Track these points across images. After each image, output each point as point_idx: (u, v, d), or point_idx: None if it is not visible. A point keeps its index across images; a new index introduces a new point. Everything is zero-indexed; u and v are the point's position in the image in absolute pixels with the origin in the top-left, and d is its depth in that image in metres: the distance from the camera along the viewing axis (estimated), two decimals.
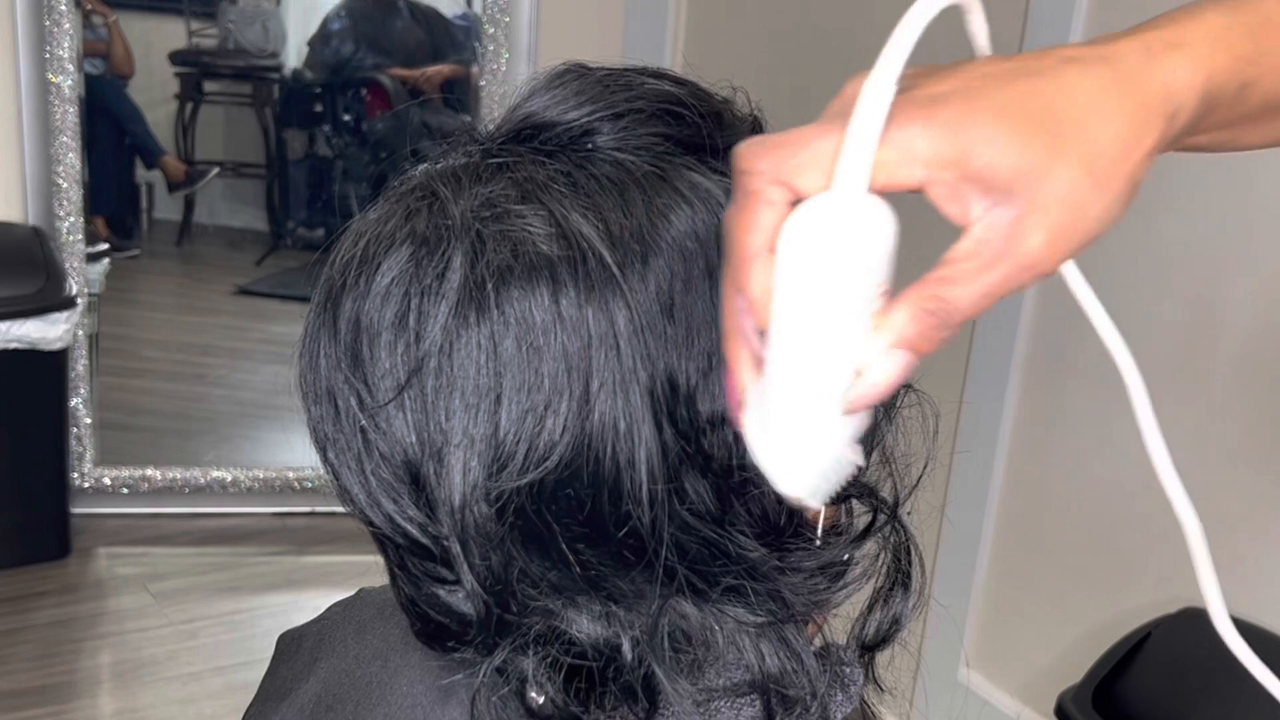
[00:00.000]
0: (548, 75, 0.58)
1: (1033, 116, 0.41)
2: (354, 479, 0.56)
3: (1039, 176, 0.41)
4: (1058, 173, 0.41)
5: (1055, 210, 0.42)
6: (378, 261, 0.54)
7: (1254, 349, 1.73)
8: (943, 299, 0.42)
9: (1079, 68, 0.43)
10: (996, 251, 0.42)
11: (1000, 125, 0.41)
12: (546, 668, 0.55)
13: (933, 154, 0.41)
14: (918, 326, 0.42)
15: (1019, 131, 0.41)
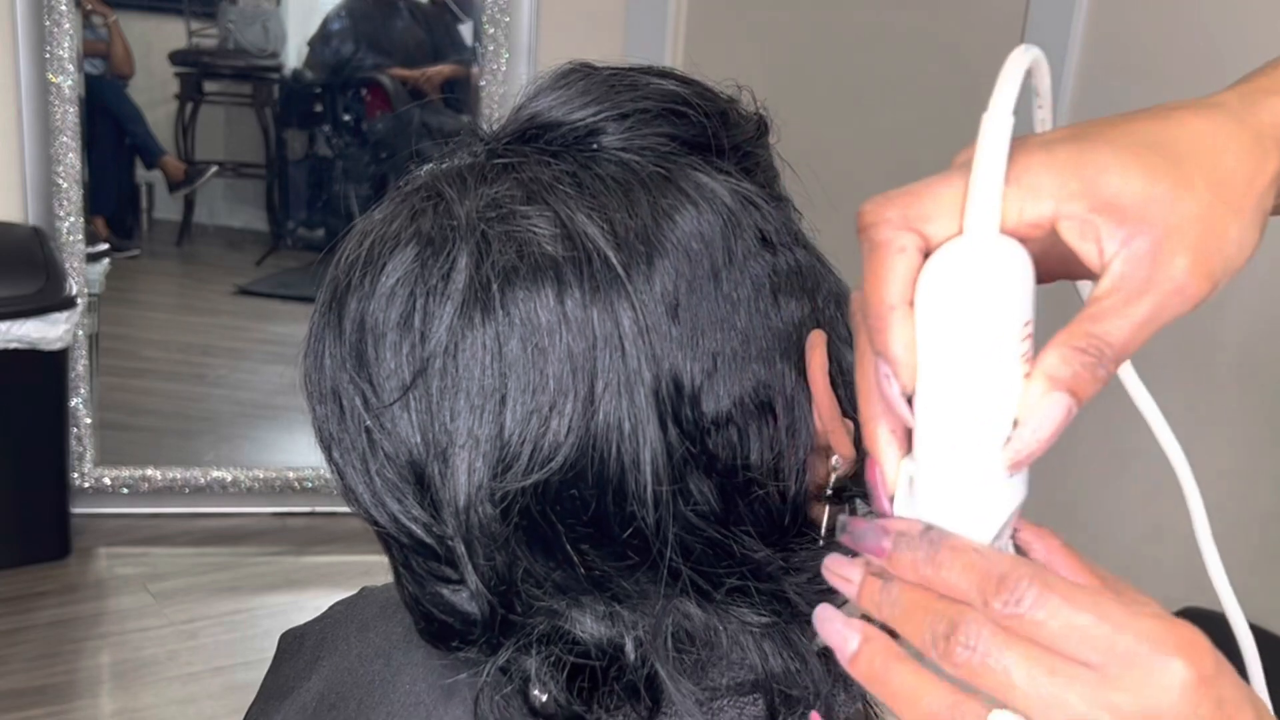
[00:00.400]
0: (553, 75, 0.58)
1: (1152, 149, 0.41)
2: (359, 479, 0.56)
3: (1170, 201, 0.40)
4: (1188, 196, 0.41)
5: (1193, 232, 0.40)
6: (383, 262, 0.54)
7: (1255, 348, 1.73)
8: (1094, 335, 0.40)
9: (1186, 111, 0.43)
10: (1142, 281, 0.40)
11: (1122, 156, 0.40)
12: (550, 667, 0.55)
13: (1059, 187, 0.40)
14: (1072, 367, 0.40)
15: (1142, 161, 0.40)
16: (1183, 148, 0.42)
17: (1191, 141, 0.42)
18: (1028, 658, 0.39)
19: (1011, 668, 0.39)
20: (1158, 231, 0.40)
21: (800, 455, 0.55)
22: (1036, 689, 0.39)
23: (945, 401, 0.40)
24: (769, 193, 0.58)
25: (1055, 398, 0.40)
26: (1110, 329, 0.40)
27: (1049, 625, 0.39)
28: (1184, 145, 0.42)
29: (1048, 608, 0.39)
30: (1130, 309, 0.40)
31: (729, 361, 0.53)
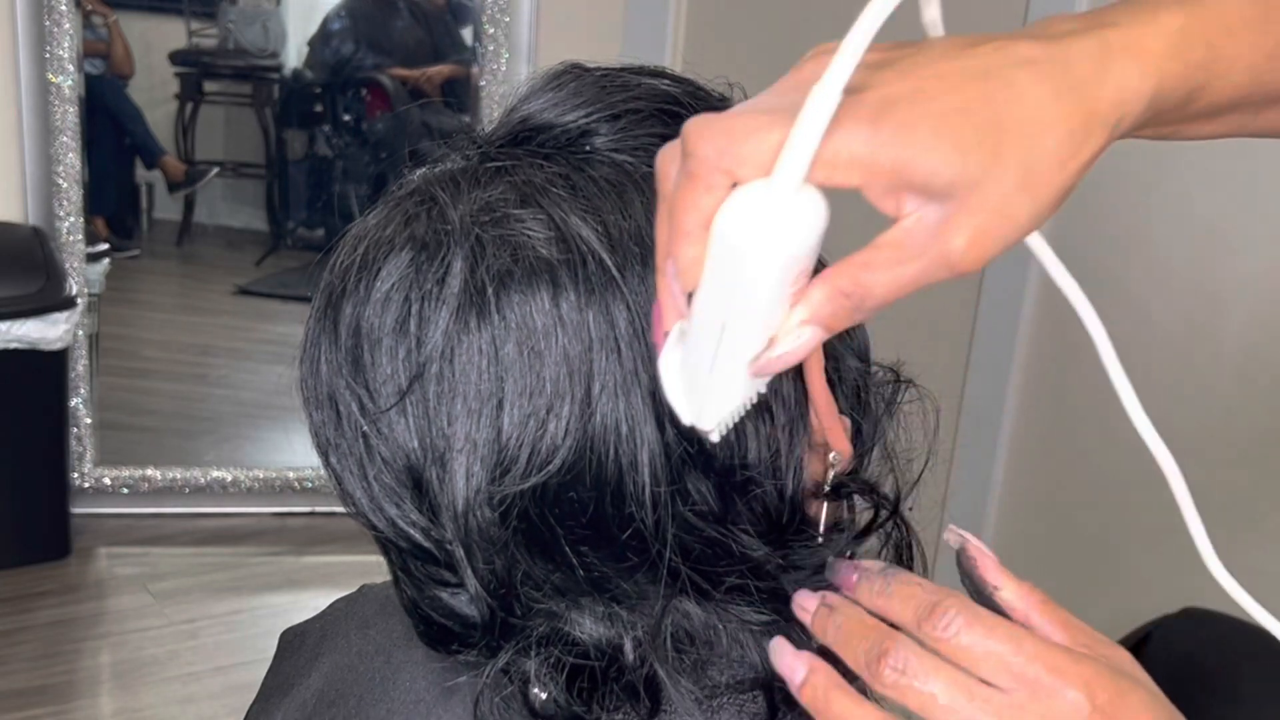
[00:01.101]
0: (545, 76, 0.58)
1: (977, 125, 0.42)
2: (356, 484, 0.56)
3: (975, 185, 0.42)
4: (993, 182, 0.42)
5: (984, 215, 0.42)
6: (377, 267, 0.54)
7: (1256, 344, 1.73)
8: (860, 283, 0.43)
9: (1032, 72, 0.43)
10: (920, 246, 0.43)
11: (943, 136, 0.41)
12: (549, 668, 0.55)
13: (872, 161, 0.42)
14: (832, 307, 0.44)
15: (961, 142, 0.42)
16: (1009, 122, 0.42)
17: (1020, 117, 0.42)
18: (949, 681, 0.46)
19: (935, 689, 0.46)
20: (951, 208, 0.42)
21: (797, 453, 0.56)
22: (955, 707, 0.46)
23: (713, 315, 0.44)
24: None
25: (809, 330, 0.44)
26: (877, 281, 0.43)
27: (972, 650, 0.46)
28: (1011, 120, 0.42)
29: (971, 635, 0.46)
30: (901, 269, 0.43)
31: None
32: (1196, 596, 1.67)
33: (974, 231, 0.42)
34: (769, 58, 2.52)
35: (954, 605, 0.48)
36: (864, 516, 0.59)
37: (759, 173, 0.42)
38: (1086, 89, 0.44)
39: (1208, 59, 0.47)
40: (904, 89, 0.42)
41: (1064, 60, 0.44)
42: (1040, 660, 0.46)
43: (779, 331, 0.44)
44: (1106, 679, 0.46)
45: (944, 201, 0.42)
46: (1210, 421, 1.77)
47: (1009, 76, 0.43)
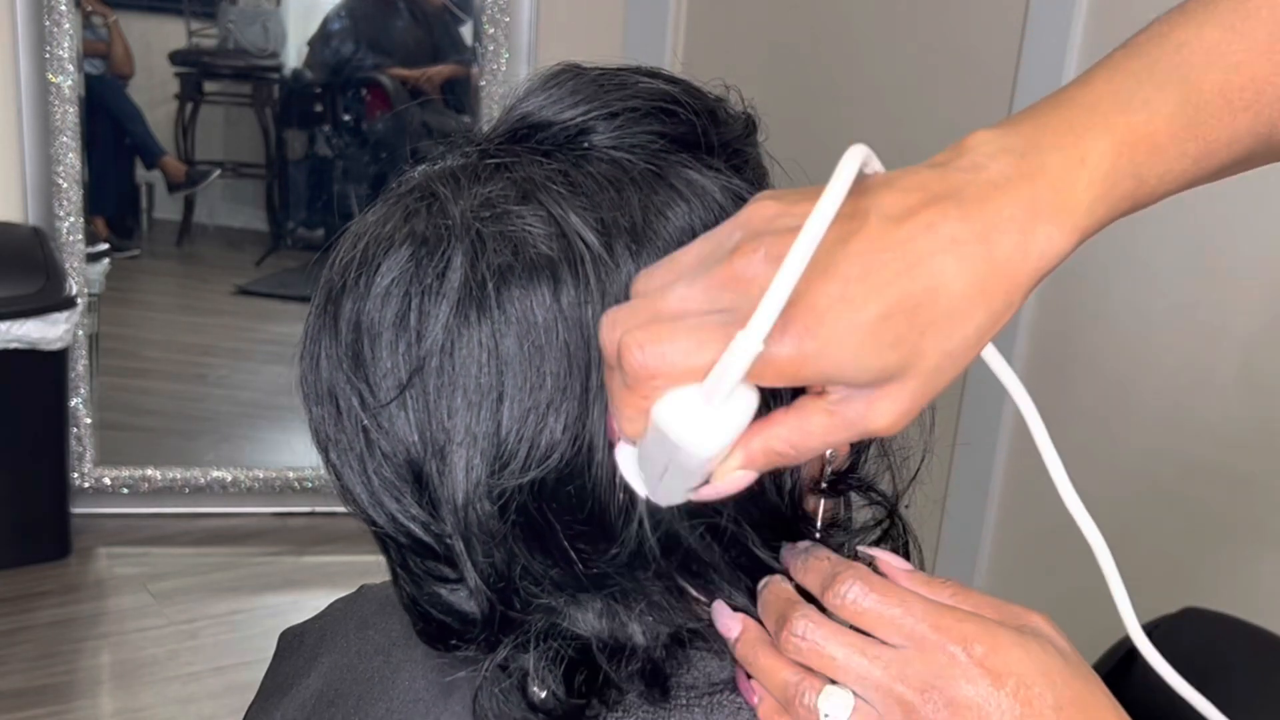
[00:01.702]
0: (543, 76, 0.58)
1: (899, 331, 0.44)
2: (356, 479, 0.57)
3: (896, 378, 0.45)
4: (915, 373, 0.45)
5: (907, 398, 0.46)
6: (377, 263, 0.54)
7: (1256, 348, 1.73)
8: (794, 446, 0.47)
9: (956, 259, 0.45)
10: (848, 420, 0.46)
11: (866, 347, 0.44)
12: (549, 663, 0.55)
13: (799, 373, 0.44)
14: (765, 460, 0.48)
15: (883, 350, 0.44)
16: (931, 320, 0.45)
17: (942, 312, 0.45)
18: (845, 643, 0.52)
19: (833, 652, 0.52)
20: (874, 394, 0.46)
21: None
22: (851, 665, 0.51)
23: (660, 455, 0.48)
24: (758, 190, 0.59)
25: (744, 475, 0.48)
26: (809, 446, 0.47)
27: (868, 614, 0.52)
28: (933, 317, 0.45)
29: (868, 600, 0.52)
30: (831, 437, 0.47)
31: None
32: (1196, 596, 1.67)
33: (897, 412, 0.46)
34: (768, 58, 2.52)
35: (851, 574, 0.53)
36: (862, 514, 0.59)
37: (691, 381, 0.45)
38: (1009, 268, 0.46)
39: (1134, 187, 0.49)
40: (830, 298, 0.44)
41: (988, 238, 0.45)
42: (926, 620, 0.52)
43: (717, 473, 0.48)
44: (985, 634, 0.51)
45: (867, 388, 0.46)
46: (1209, 420, 1.77)
47: (933, 267, 0.45)
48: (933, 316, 0.45)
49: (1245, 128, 0.51)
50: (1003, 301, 0.46)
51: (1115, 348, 1.89)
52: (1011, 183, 0.46)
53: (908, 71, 2.20)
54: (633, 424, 0.47)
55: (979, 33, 2.08)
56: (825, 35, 2.39)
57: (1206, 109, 0.50)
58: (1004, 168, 0.47)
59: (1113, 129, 0.48)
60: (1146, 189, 0.50)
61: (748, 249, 0.45)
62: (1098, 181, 0.47)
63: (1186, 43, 0.51)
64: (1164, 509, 1.82)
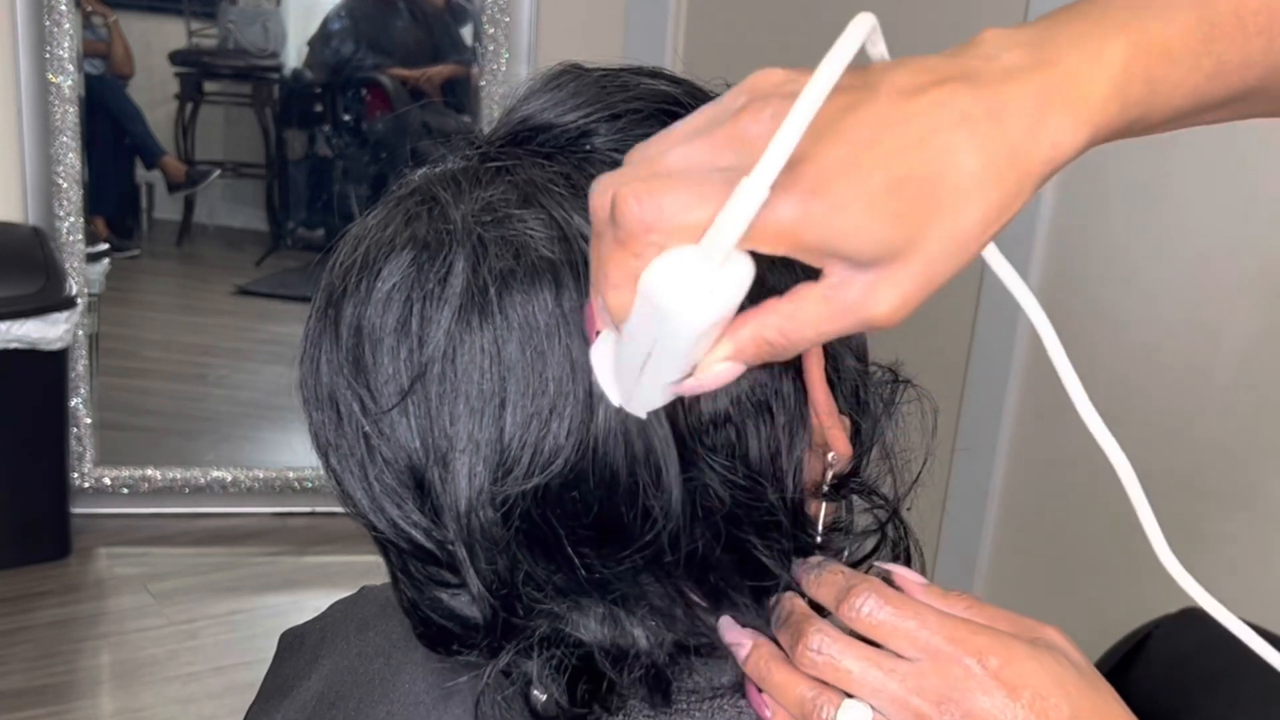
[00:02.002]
0: (544, 77, 0.58)
1: (906, 201, 0.43)
2: (357, 484, 0.56)
3: (900, 255, 0.44)
4: (919, 252, 0.44)
5: (908, 282, 0.44)
6: (378, 267, 0.54)
7: (1256, 348, 1.73)
8: (784, 334, 0.46)
9: (967, 134, 0.44)
10: (845, 305, 0.45)
11: (872, 215, 0.43)
12: (551, 669, 0.55)
13: (800, 237, 0.43)
14: (755, 349, 0.46)
15: (889, 220, 0.43)
16: (939, 194, 0.43)
17: (951, 188, 0.43)
18: (860, 657, 0.52)
19: (849, 666, 0.52)
20: (875, 275, 0.44)
21: (797, 453, 0.56)
22: (867, 679, 0.51)
23: (643, 339, 0.46)
24: None
25: (730, 366, 0.47)
26: (802, 335, 0.46)
27: (883, 626, 0.52)
28: (941, 192, 0.43)
29: (883, 613, 0.52)
30: (825, 324, 0.45)
31: None
32: None
33: (898, 297, 0.44)
34: (768, 58, 2.52)
35: (866, 587, 0.53)
36: (863, 517, 0.59)
37: (687, 241, 0.43)
38: (1020, 151, 0.44)
39: (1147, 94, 0.48)
40: (837, 161, 0.43)
41: (1001, 119, 0.44)
42: (941, 632, 0.52)
43: (702, 363, 0.46)
44: (1000, 646, 0.52)
45: (869, 269, 0.44)
46: (1210, 420, 1.77)
47: (944, 142, 0.43)
48: (941, 192, 0.43)
49: (1259, 53, 0.50)
50: (1013, 186, 0.44)
51: (1115, 346, 1.89)
52: (1025, 70, 0.45)
53: None
54: (617, 293, 0.45)
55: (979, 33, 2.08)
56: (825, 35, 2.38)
57: (1221, 26, 0.49)
58: (1018, 57, 0.46)
59: (1128, 31, 0.47)
60: (1160, 99, 0.48)
61: (753, 109, 0.44)
62: (1113, 77, 0.46)
63: None
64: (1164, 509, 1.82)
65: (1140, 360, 1.86)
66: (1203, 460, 1.78)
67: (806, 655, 0.52)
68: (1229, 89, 0.51)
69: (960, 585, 2.24)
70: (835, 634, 0.53)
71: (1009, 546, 2.10)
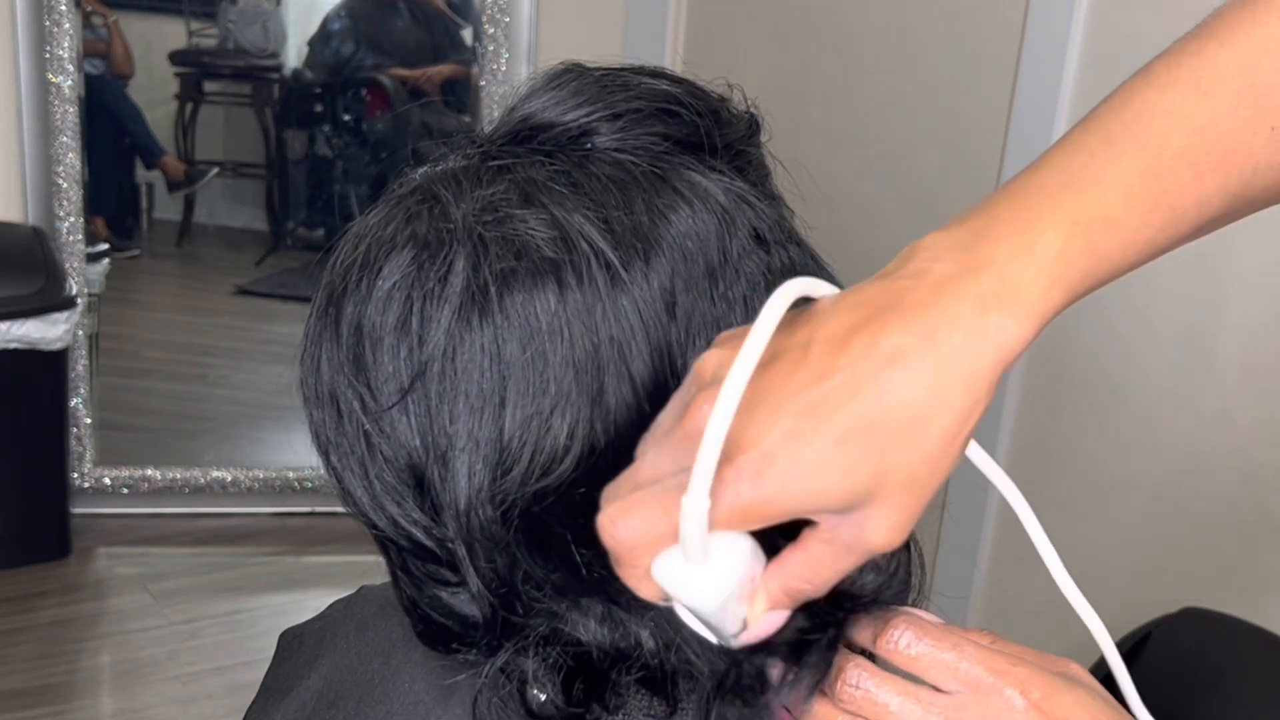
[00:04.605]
0: (545, 76, 0.58)
1: (857, 453, 0.43)
2: (357, 482, 0.56)
3: (875, 496, 0.44)
4: (890, 488, 0.44)
5: (893, 513, 0.45)
6: (379, 265, 0.54)
7: (1256, 346, 1.73)
8: (809, 580, 0.47)
9: (904, 370, 0.43)
10: (846, 545, 0.46)
11: (826, 474, 0.43)
12: (548, 669, 0.55)
13: (768, 513, 0.44)
14: (790, 599, 0.48)
15: (845, 474, 0.44)
16: (889, 435, 0.44)
17: (900, 425, 0.44)
18: (899, 690, 0.52)
19: (887, 700, 0.52)
20: (860, 514, 0.45)
21: None
22: (906, 713, 0.52)
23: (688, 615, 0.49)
24: (761, 191, 0.59)
25: (776, 615, 0.48)
26: (825, 578, 0.47)
27: (921, 659, 0.52)
28: (891, 432, 0.44)
29: (920, 645, 0.53)
30: (840, 564, 0.47)
31: None
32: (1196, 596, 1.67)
33: (889, 528, 0.45)
34: (769, 58, 2.52)
35: (902, 621, 0.53)
36: None
37: (668, 545, 0.45)
38: (963, 365, 0.44)
39: (1093, 265, 0.47)
40: (777, 436, 0.43)
41: (936, 340, 0.44)
42: (981, 664, 0.52)
43: (750, 618, 0.48)
44: (1041, 678, 0.52)
45: (850, 513, 0.45)
46: (1209, 420, 1.77)
47: (880, 385, 0.43)
48: (890, 433, 0.43)
49: (1214, 190, 0.49)
50: (965, 400, 0.44)
51: (1114, 346, 1.89)
52: (955, 280, 0.45)
53: (908, 70, 2.20)
54: (643, 590, 0.47)
55: (979, 32, 2.08)
56: (825, 35, 2.39)
57: (1170, 176, 0.48)
58: (948, 267, 0.45)
59: (1061, 208, 0.47)
60: (1108, 265, 0.48)
61: (695, 403, 0.45)
62: (1048, 266, 0.46)
63: (1145, 109, 0.49)
64: (1163, 509, 1.82)
65: (1136, 369, 1.86)
66: (1200, 471, 1.78)
67: (845, 690, 0.53)
68: (1188, 229, 0.50)
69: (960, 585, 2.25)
70: (873, 669, 0.53)
71: (1009, 547, 2.10)
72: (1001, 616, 2.09)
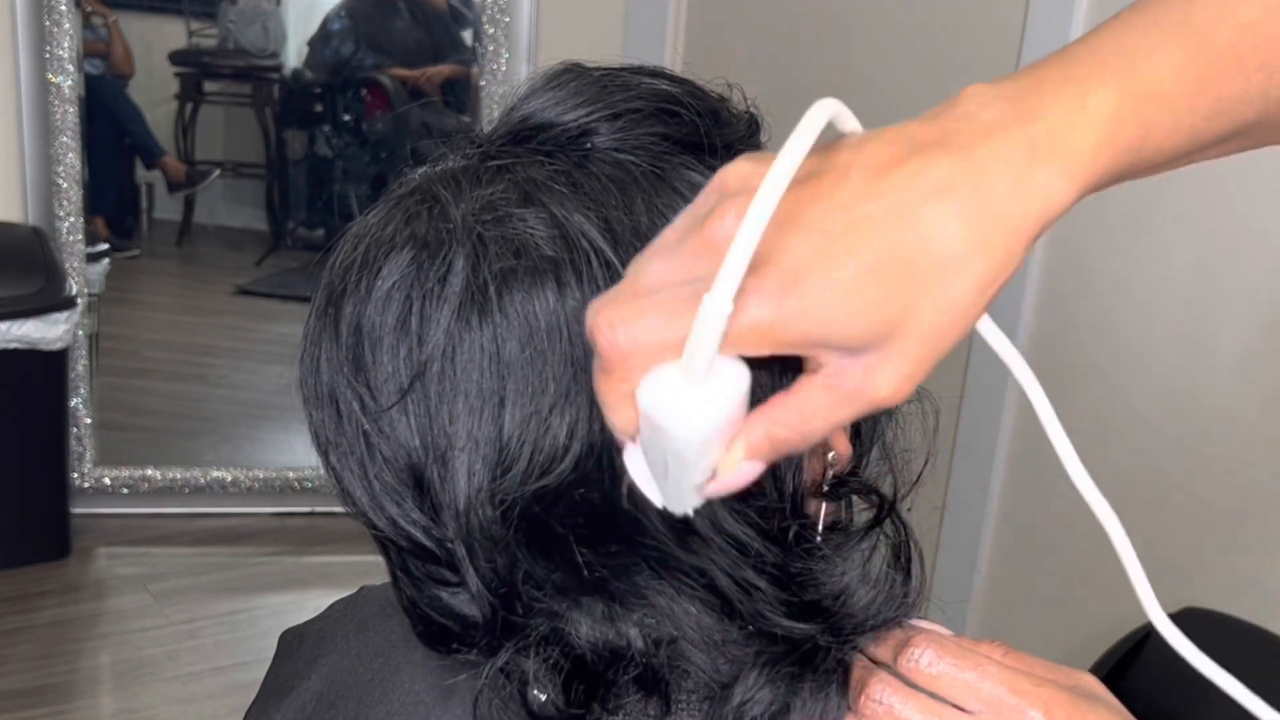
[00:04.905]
0: (544, 76, 0.58)
1: (887, 285, 0.41)
2: (357, 483, 0.56)
3: (892, 338, 0.42)
4: (911, 330, 0.42)
5: (905, 360, 0.43)
6: (378, 265, 0.54)
7: (1256, 346, 1.73)
8: (796, 429, 0.44)
9: (947, 205, 0.42)
10: (848, 392, 0.43)
11: (852, 303, 0.41)
12: (549, 669, 0.55)
13: (782, 336, 0.42)
14: (770, 447, 0.45)
15: (871, 306, 0.42)
16: (921, 271, 0.42)
17: (934, 263, 0.42)
18: (921, 708, 0.52)
19: (909, 716, 0.52)
20: (871, 358, 0.43)
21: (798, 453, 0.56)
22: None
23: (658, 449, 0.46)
24: None
25: (750, 466, 0.45)
26: (814, 427, 0.45)
27: (942, 679, 0.52)
28: (924, 268, 0.42)
29: (941, 664, 0.53)
30: (833, 413, 0.44)
31: None
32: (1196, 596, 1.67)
33: (898, 377, 0.43)
34: (769, 57, 2.52)
35: (925, 639, 0.54)
36: (863, 516, 0.59)
37: (668, 358, 0.43)
38: (1007, 213, 0.43)
39: (1140, 139, 0.46)
40: (808, 254, 0.41)
41: (983, 182, 0.42)
42: (1004, 684, 0.52)
43: (720, 466, 0.45)
44: (1064, 698, 0.52)
45: (862, 354, 0.43)
46: (1209, 419, 1.77)
47: (923, 215, 0.42)
48: (925, 269, 0.42)
49: (1258, 88, 0.49)
50: (1002, 251, 0.43)
51: (1115, 345, 1.89)
52: (1006, 126, 0.43)
53: (908, 70, 2.20)
54: (618, 413, 0.45)
55: (979, 33, 2.08)
56: (825, 35, 2.39)
57: (1218, 65, 0.47)
58: (998, 113, 0.44)
59: (1116, 76, 0.45)
60: (1153, 142, 0.47)
61: (719, 211, 0.43)
62: (1100, 125, 0.45)
63: None
64: (1164, 509, 1.82)
65: (1137, 371, 1.86)
66: (1200, 472, 1.78)
67: (869, 706, 0.53)
68: (1227, 127, 0.49)
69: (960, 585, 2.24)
70: (898, 685, 0.53)
71: (1009, 546, 2.10)
72: (1001, 618, 2.09)
